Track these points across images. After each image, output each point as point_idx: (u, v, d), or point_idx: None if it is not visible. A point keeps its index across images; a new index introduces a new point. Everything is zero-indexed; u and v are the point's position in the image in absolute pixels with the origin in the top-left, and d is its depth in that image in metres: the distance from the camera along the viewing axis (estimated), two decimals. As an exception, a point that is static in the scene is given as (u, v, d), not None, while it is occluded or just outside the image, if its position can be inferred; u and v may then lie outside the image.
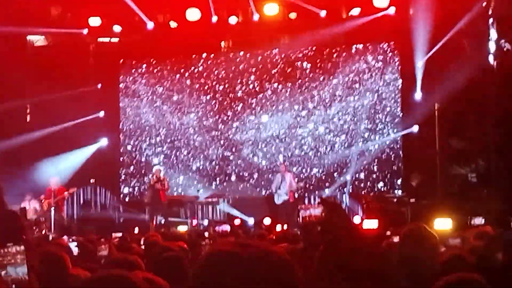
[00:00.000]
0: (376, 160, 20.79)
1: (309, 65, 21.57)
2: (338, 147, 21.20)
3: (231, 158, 22.14)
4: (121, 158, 22.78)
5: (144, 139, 22.69)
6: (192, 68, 22.36)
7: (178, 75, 22.42)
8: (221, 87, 22.23)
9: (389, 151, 20.81)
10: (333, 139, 21.30)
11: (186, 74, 22.38)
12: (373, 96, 20.95)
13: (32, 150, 20.28)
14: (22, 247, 4.48)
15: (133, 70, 22.79)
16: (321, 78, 21.40)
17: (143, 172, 22.35)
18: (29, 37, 21.06)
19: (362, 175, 20.88)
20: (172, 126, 22.54)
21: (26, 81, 20.49)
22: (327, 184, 21.09)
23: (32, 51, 20.96)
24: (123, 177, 22.70)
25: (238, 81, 22.09)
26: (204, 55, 22.29)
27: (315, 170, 21.36)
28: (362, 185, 20.83)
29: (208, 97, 22.26)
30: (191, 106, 22.40)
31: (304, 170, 21.45)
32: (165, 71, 22.52)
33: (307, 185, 21.20)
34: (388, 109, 20.89)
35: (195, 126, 22.37)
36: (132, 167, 22.69)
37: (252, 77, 21.99)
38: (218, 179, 22.08)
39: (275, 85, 21.84)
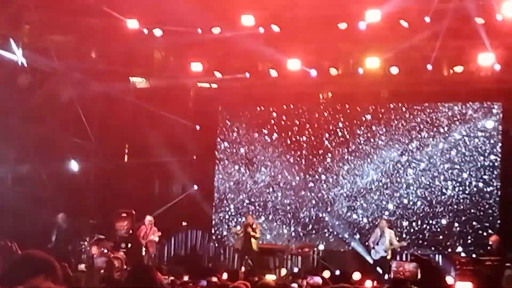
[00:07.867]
0: (471, 220, 20.13)
1: (406, 111, 21.02)
2: (449, 196, 20.25)
3: (326, 219, 21.18)
4: (214, 203, 22.48)
5: (234, 196, 22.25)
6: (285, 119, 22.06)
7: (270, 126, 22.15)
8: (306, 139, 21.69)
9: (485, 210, 20.08)
10: (443, 184, 20.33)
11: (278, 126, 22.08)
12: (474, 151, 20.30)
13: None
14: None
15: (230, 117, 22.78)
16: (420, 119, 20.83)
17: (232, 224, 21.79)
18: (132, 79, 21.44)
19: (457, 234, 20.15)
20: (257, 185, 22.01)
21: (127, 121, 20.85)
22: (440, 238, 20.16)
23: (134, 93, 21.30)
24: (214, 221, 22.38)
25: (326, 131, 21.53)
26: (301, 105, 22.01)
27: (426, 222, 20.26)
28: (456, 244, 20.14)
29: (295, 153, 21.73)
30: (274, 161, 21.83)
31: (414, 224, 20.35)
32: (260, 120, 22.36)
33: (416, 241, 20.23)
34: (490, 163, 20.18)
35: (282, 186, 21.66)
36: (223, 215, 22.34)
37: (340, 125, 21.47)
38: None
39: (368, 130, 21.20)
